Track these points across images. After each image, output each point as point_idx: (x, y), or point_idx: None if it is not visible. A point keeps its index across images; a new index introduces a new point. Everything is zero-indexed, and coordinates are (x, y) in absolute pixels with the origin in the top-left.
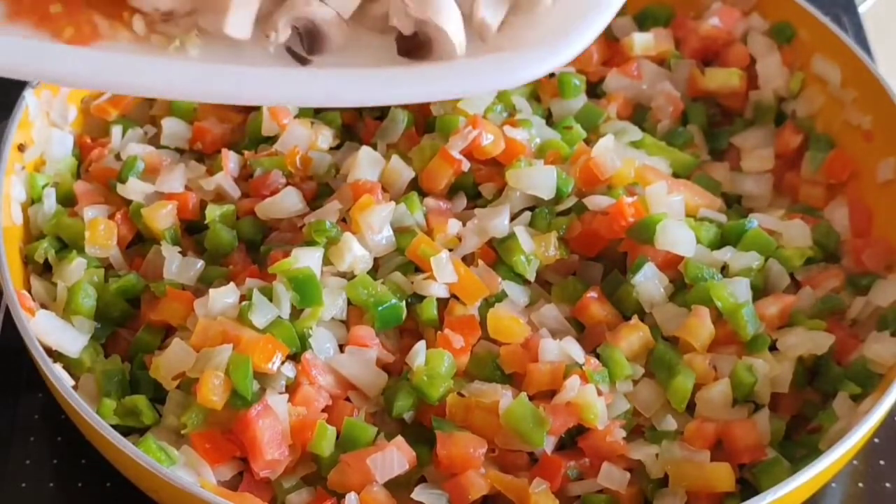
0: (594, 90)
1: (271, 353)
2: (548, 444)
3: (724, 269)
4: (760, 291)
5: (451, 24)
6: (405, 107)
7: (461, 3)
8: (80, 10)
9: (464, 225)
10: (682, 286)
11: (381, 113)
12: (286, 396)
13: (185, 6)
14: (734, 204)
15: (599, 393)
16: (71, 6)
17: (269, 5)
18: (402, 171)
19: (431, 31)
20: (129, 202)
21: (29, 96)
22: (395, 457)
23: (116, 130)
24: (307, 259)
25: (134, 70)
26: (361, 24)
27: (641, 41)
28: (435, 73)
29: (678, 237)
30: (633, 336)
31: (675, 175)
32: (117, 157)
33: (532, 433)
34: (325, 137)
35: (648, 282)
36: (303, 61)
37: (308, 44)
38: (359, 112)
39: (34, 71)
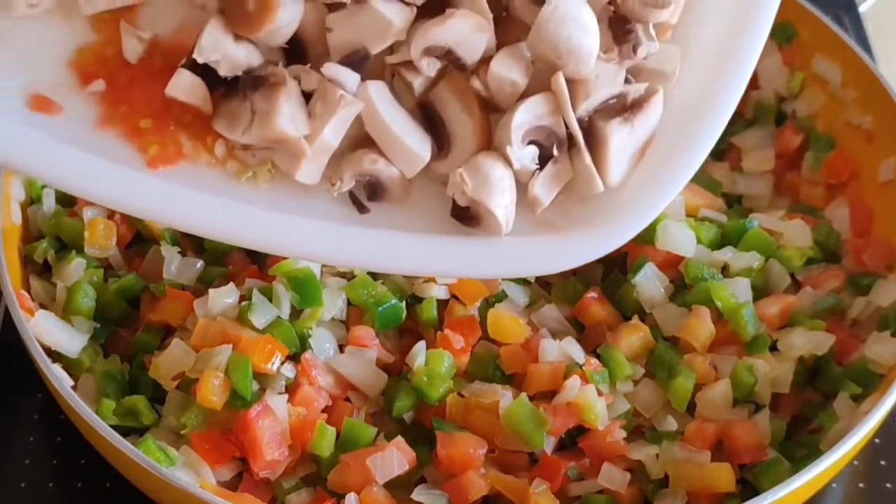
0: None
1: (271, 353)
2: (548, 445)
3: (725, 269)
4: (761, 291)
5: (500, 210)
6: None
7: (521, 174)
8: (168, 128)
9: None
10: (682, 286)
11: None
12: (286, 397)
13: (264, 143)
14: (734, 204)
15: (599, 393)
16: (161, 123)
17: (340, 149)
18: None
19: (482, 210)
20: None
21: None
22: (395, 457)
23: None
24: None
25: (204, 214)
26: (424, 176)
27: None
28: (483, 253)
29: (678, 237)
30: (634, 336)
31: None
32: None
33: (532, 433)
34: None
35: (649, 282)
36: (361, 208)
37: (369, 193)
38: None
39: (107, 198)
